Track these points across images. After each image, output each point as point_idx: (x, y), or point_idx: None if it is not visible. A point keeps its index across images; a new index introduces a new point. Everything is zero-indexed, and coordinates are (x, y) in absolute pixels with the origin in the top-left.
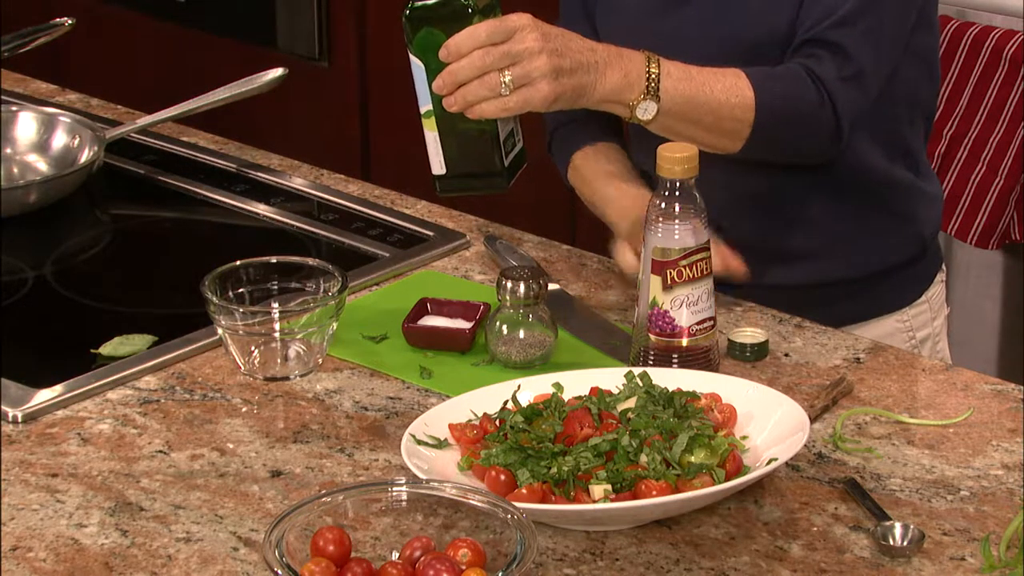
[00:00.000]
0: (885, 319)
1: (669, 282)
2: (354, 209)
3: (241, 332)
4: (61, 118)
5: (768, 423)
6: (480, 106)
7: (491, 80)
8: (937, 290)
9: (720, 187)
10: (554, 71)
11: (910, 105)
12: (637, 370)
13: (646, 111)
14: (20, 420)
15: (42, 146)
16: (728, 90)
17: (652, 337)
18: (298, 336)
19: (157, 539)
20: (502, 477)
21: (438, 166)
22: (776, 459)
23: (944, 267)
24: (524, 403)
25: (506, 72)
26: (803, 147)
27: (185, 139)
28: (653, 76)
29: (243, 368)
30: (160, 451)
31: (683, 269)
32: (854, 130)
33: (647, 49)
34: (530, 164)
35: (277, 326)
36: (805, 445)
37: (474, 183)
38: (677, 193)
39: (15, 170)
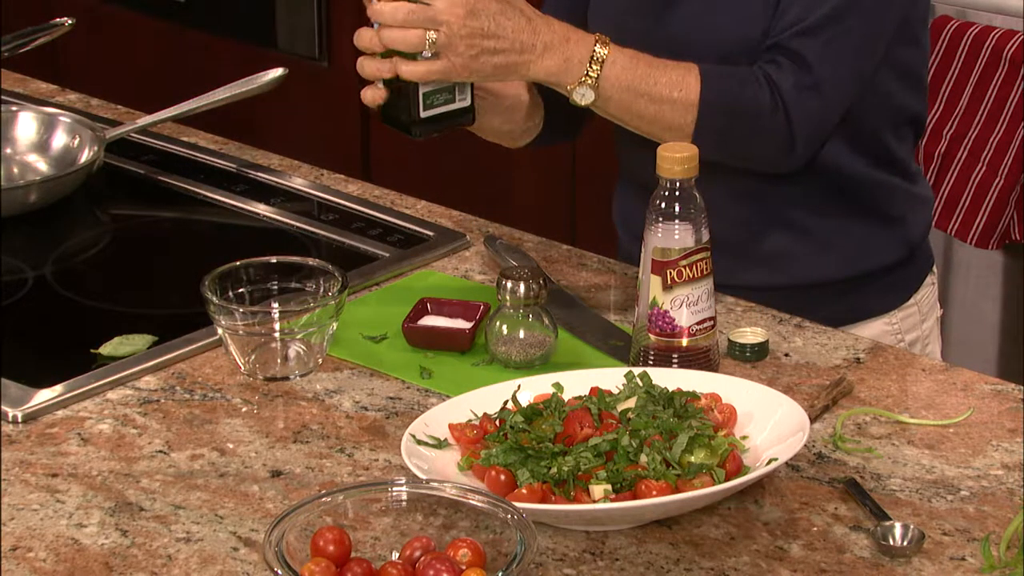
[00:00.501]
0: (872, 322)
1: (669, 282)
2: (354, 209)
3: (241, 332)
4: (61, 118)
5: (768, 423)
6: (397, 64)
7: (414, 36)
8: (927, 292)
9: (705, 188)
10: (472, 50)
11: (894, 117)
12: (637, 370)
13: (583, 96)
14: (20, 420)
15: (42, 146)
16: (673, 84)
17: (652, 337)
18: (298, 336)
19: (157, 539)
20: (502, 477)
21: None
22: (776, 459)
23: (935, 269)
24: (524, 403)
25: (431, 33)
26: (753, 151)
27: (185, 139)
28: (597, 60)
29: (243, 368)
30: (160, 451)
31: (683, 269)
32: (833, 140)
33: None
34: (530, 166)
35: (277, 326)
36: (805, 445)
37: (398, 123)
38: (677, 193)
39: (15, 170)
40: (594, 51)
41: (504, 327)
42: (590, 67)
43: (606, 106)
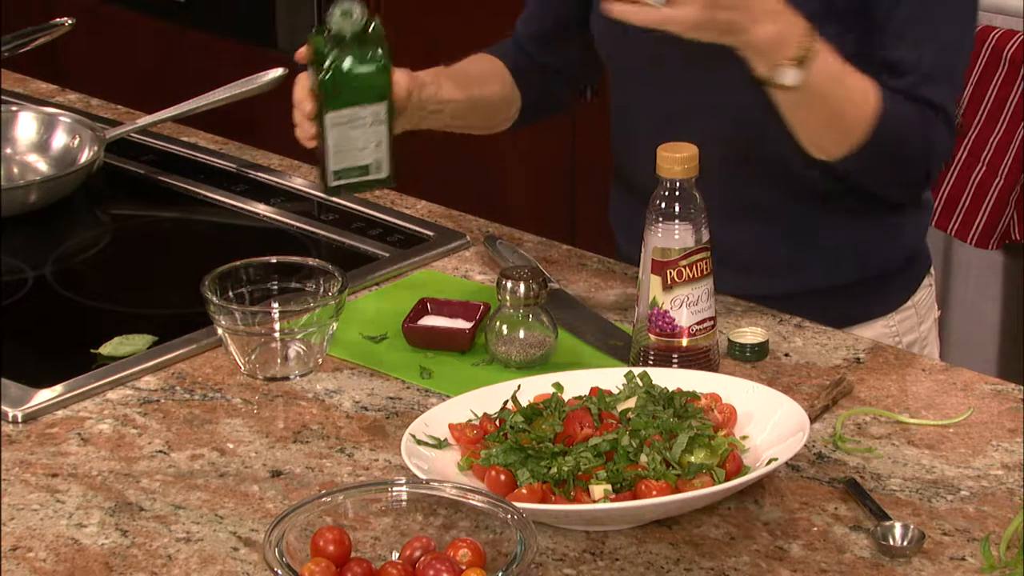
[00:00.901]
0: (871, 324)
1: (669, 282)
2: (354, 209)
3: (241, 332)
4: (61, 118)
5: (768, 423)
6: (621, 7)
7: None
8: (925, 294)
9: (709, 200)
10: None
11: None
12: (637, 370)
13: (788, 76)
14: (20, 420)
15: (42, 146)
16: (862, 89)
17: (652, 337)
18: (298, 336)
19: (157, 539)
20: (502, 477)
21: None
22: (776, 459)
23: (932, 270)
24: (524, 403)
25: None
26: (899, 176)
27: (185, 139)
28: (809, 47)
29: (243, 368)
30: (160, 451)
31: (683, 269)
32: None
33: (653, 53)
34: (530, 166)
35: (277, 326)
36: (805, 445)
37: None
38: (677, 193)
39: (15, 170)
40: (807, 36)
41: (504, 327)
42: (803, 49)
43: (802, 95)
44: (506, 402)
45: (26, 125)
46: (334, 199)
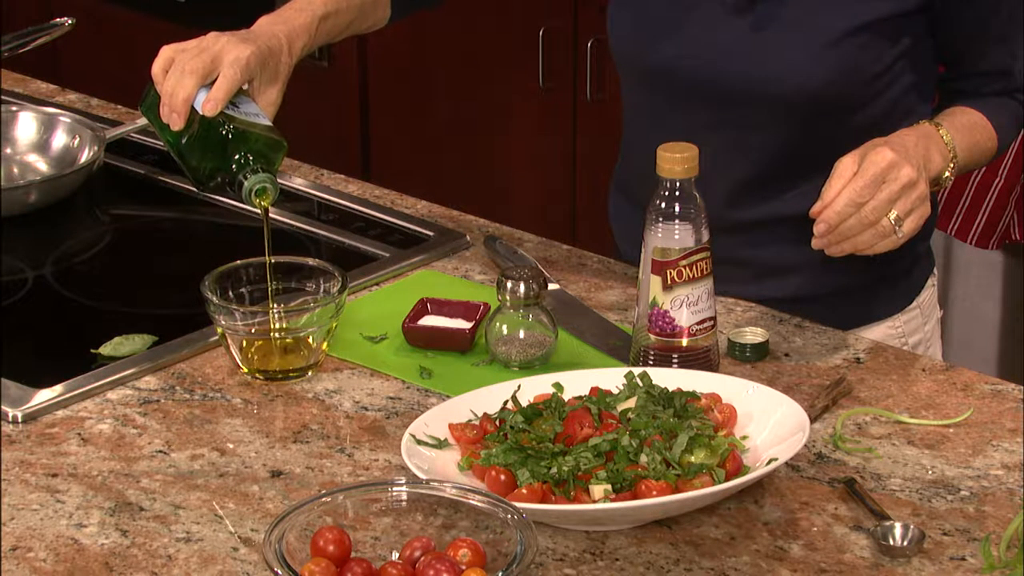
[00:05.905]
0: (876, 326)
1: (669, 282)
2: (354, 209)
3: (241, 332)
4: (61, 118)
5: (768, 423)
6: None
7: (882, 227)
8: (928, 294)
9: (712, 200)
10: (923, 182)
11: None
12: (637, 370)
13: (949, 179)
14: (20, 420)
15: (42, 146)
16: (984, 127)
17: (652, 337)
18: (298, 336)
19: (157, 539)
20: (502, 477)
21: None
22: (776, 459)
23: (935, 271)
24: (524, 403)
25: (892, 211)
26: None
27: None
28: (948, 142)
29: (243, 368)
30: (160, 451)
31: (683, 269)
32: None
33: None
34: (530, 166)
35: (277, 326)
36: (805, 445)
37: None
38: (677, 193)
39: (15, 170)
40: (941, 136)
41: (504, 327)
42: (950, 150)
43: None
44: (506, 402)
45: (26, 125)
46: (333, 198)
